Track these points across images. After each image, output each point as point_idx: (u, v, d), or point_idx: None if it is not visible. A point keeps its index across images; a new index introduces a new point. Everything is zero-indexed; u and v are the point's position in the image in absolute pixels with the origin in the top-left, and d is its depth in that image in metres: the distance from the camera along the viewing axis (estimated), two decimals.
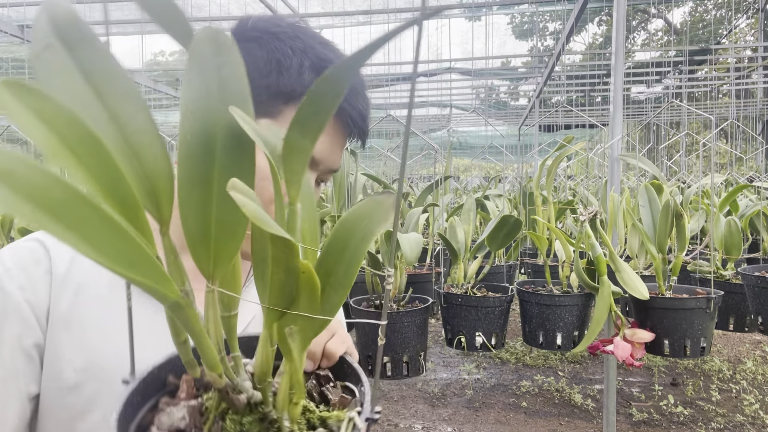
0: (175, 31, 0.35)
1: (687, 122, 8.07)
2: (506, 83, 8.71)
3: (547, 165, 2.15)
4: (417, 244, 1.73)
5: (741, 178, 4.26)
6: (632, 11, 9.26)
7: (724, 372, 4.04)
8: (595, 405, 3.55)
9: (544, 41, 11.41)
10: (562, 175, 4.78)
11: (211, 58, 0.35)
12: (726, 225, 2.10)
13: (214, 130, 0.36)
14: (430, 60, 5.72)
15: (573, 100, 8.39)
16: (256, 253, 0.37)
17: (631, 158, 1.88)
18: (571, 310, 1.71)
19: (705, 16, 11.03)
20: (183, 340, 0.38)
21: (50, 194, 0.26)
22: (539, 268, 2.53)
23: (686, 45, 5.94)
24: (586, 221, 1.72)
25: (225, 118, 0.36)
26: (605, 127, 2.51)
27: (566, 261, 1.85)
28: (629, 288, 1.58)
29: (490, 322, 1.74)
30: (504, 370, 4.23)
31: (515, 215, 1.80)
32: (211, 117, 0.36)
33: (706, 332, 1.61)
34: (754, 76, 7.27)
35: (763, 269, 1.82)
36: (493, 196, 2.94)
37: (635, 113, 9.13)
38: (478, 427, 3.31)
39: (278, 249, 0.34)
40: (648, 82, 7.82)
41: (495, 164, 4.51)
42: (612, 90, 1.87)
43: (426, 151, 3.39)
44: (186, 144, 0.35)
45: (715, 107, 8.00)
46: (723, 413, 3.41)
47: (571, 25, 3.56)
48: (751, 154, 5.61)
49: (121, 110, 0.34)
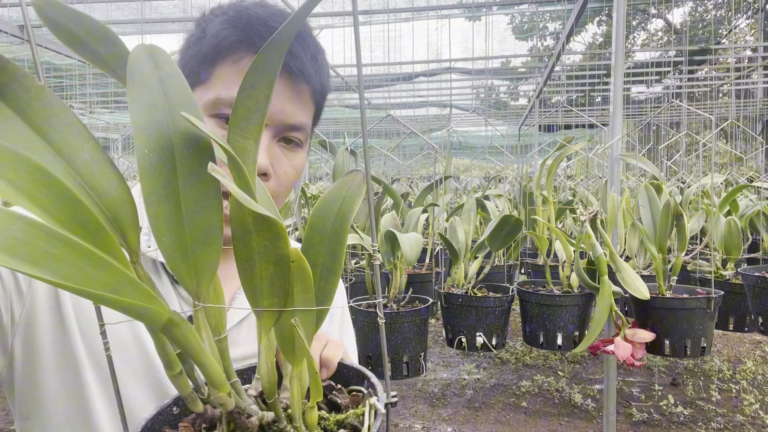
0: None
1: (687, 122, 8.08)
2: (506, 83, 8.71)
3: (547, 165, 2.15)
4: (417, 244, 1.73)
5: (741, 178, 4.26)
6: (632, 11, 9.26)
7: (724, 372, 4.04)
8: (595, 405, 3.55)
9: (544, 41, 11.41)
10: (562, 175, 4.78)
11: (151, 72, 0.35)
12: (726, 225, 2.10)
13: (169, 141, 0.35)
14: (430, 60, 5.71)
15: (573, 100, 8.38)
16: (241, 253, 0.35)
17: (631, 158, 1.88)
18: (571, 310, 1.71)
19: (705, 16, 11.03)
20: (178, 371, 0.35)
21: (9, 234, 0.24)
22: (539, 268, 2.53)
23: (686, 45, 5.95)
24: (586, 221, 1.72)
25: (177, 127, 0.35)
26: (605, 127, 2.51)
27: (566, 261, 1.85)
28: (630, 288, 1.58)
29: (491, 322, 1.74)
30: (504, 370, 4.23)
31: (515, 215, 1.80)
32: (164, 129, 0.35)
33: (706, 332, 1.61)
34: (754, 76, 7.27)
35: (764, 269, 1.82)
36: (492, 196, 2.94)
37: (635, 113, 9.12)
38: (478, 427, 3.31)
39: (264, 238, 0.33)
40: (648, 82, 7.82)
41: (495, 164, 4.51)
42: (612, 90, 1.87)
43: (426, 151, 3.39)
44: (145, 159, 0.34)
45: (715, 107, 8.00)
46: (723, 413, 3.41)
47: (571, 25, 3.55)
48: (751, 154, 5.61)
49: (67, 145, 0.33)
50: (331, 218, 0.38)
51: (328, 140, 2.11)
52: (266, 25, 0.61)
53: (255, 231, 0.33)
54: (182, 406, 0.44)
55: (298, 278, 0.35)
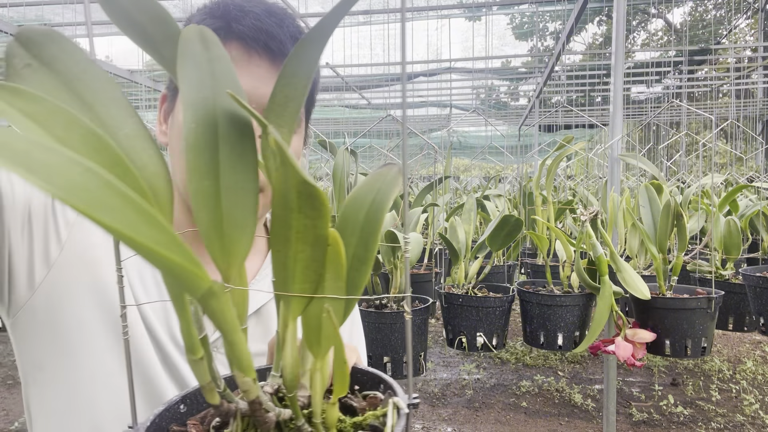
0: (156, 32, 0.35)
1: (687, 122, 8.08)
2: (506, 83, 8.71)
3: (547, 165, 2.15)
4: (417, 244, 1.73)
5: (741, 178, 4.25)
6: (632, 11, 9.26)
7: (724, 372, 4.03)
8: (595, 405, 3.55)
9: (544, 41, 11.41)
10: (562, 175, 4.78)
11: (201, 53, 0.36)
12: (726, 225, 2.10)
13: (213, 119, 0.35)
14: (430, 60, 5.71)
15: (573, 100, 8.38)
16: (278, 234, 0.34)
17: (631, 158, 1.88)
18: (572, 310, 1.71)
19: (705, 16, 11.03)
20: (200, 356, 0.35)
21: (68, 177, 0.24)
22: (539, 268, 2.53)
23: (686, 45, 5.94)
24: (587, 221, 1.72)
25: (222, 107, 0.35)
26: (605, 127, 2.51)
27: (567, 261, 1.85)
28: (630, 288, 1.58)
29: (492, 323, 1.73)
30: (504, 370, 4.23)
31: (516, 215, 1.80)
32: (209, 106, 0.35)
33: (706, 332, 1.61)
34: (754, 76, 7.27)
35: (765, 269, 1.82)
36: (492, 196, 2.93)
37: (635, 113, 9.12)
38: (478, 427, 3.31)
39: (305, 216, 0.32)
40: (648, 82, 7.82)
41: (495, 164, 4.51)
42: (612, 90, 1.87)
43: (426, 152, 3.39)
44: (191, 133, 0.34)
45: (715, 107, 8.00)
46: (723, 413, 3.40)
47: (571, 25, 3.55)
48: (751, 154, 5.61)
49: (111, 117, 0.34)
50: (365, 207, 0.38)
51: (328, 140, 2.11)
52: (242, 10, 0.63)
53: (297, 208, 0.32)
54: (189, 404, 0.43)
55: (330, 264, 0.34)
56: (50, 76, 0.32)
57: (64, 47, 0.33)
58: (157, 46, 0.36)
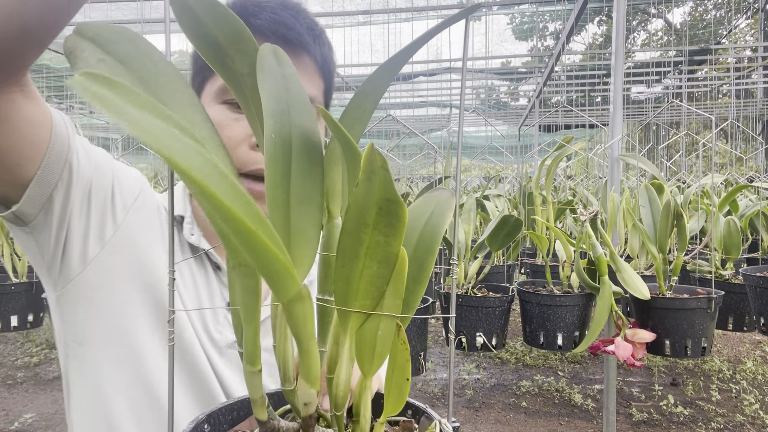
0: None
1: (687, 122, 8.08)
2: (506, 83, 8.70)
3: (547, 165, 2.15)
4: None
5: (741, 178, 4.25)
6: (632, 11, 9.26)
7: (724, 372, 4.03)
8: (595, 405, 3.55)
9: (544, 41, 11.41)
10: (561, 175, 4.78)
11: (276, 68, 0.37)
12: (726, 225, 2.09)
13: (288, 133, 0.36)
14: (429, 60, 5.71)
15: (573, 100, 8.38)
16: (347, 249, 0.33)
17: (631, 158, 1.88)
18: (572, 310, 1.71)
19: (705, 16, 11.03)
20: (258, 369, 0.34)
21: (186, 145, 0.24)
22: (538, 268, 2.53)
23: (686, 45, 5.94)
24: (587, 221, 1.71)
25: (295, 122, 0.37)
26: (605, 127, 2.51)
27: (567, 261, 1.85)
28: (630, 288, 1.58)
29: (491, 322, 1.73)
30: (504, 370, 4.23)
31: (515, 215, 1.80)
32: (285, 120, 0.36)
33: (707, 332, 1.61)
34: (754, 76, 7.27)
35: (765, 269, 1.82)
36: (492, 196, 2.93)
37: (635, 113, 9.12)
38: (478, 427, 3.31)
39: (380, 233, 0.31)
40: (648, 82, 7.82)
41: (495, 164, 4.51)
42: (612, 90, 1.87)
43: (426, 151, 3.38)
44: (271, 142, 0.35)
45: (715, 107, 8.00)
46: (723, 413, 3.40)
47: (571, 25, 3.55)
48: (751, 154, 5.61)
49: (186, 119, 0.34)
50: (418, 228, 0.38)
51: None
52: (259, 5, 0.66)
53: (373, 224, 0.32)
54: (213, 423, 0.42)
55: (393, 283, 0.33)
56: (126, 73, 0.33)
57: (139, 46, 0.34)
58: (225, 59, 0.36)
